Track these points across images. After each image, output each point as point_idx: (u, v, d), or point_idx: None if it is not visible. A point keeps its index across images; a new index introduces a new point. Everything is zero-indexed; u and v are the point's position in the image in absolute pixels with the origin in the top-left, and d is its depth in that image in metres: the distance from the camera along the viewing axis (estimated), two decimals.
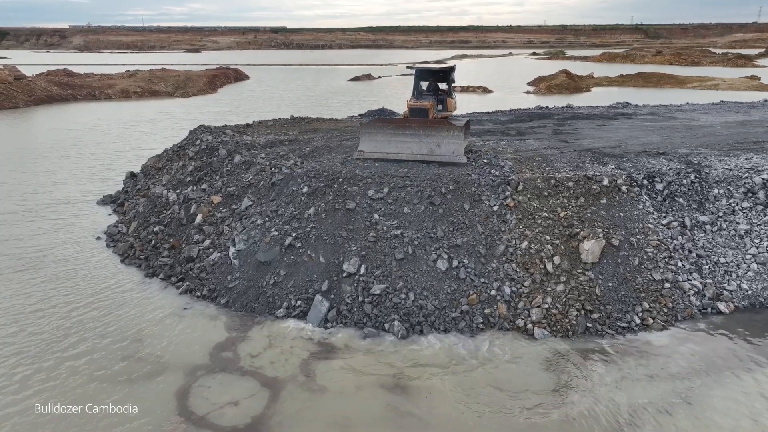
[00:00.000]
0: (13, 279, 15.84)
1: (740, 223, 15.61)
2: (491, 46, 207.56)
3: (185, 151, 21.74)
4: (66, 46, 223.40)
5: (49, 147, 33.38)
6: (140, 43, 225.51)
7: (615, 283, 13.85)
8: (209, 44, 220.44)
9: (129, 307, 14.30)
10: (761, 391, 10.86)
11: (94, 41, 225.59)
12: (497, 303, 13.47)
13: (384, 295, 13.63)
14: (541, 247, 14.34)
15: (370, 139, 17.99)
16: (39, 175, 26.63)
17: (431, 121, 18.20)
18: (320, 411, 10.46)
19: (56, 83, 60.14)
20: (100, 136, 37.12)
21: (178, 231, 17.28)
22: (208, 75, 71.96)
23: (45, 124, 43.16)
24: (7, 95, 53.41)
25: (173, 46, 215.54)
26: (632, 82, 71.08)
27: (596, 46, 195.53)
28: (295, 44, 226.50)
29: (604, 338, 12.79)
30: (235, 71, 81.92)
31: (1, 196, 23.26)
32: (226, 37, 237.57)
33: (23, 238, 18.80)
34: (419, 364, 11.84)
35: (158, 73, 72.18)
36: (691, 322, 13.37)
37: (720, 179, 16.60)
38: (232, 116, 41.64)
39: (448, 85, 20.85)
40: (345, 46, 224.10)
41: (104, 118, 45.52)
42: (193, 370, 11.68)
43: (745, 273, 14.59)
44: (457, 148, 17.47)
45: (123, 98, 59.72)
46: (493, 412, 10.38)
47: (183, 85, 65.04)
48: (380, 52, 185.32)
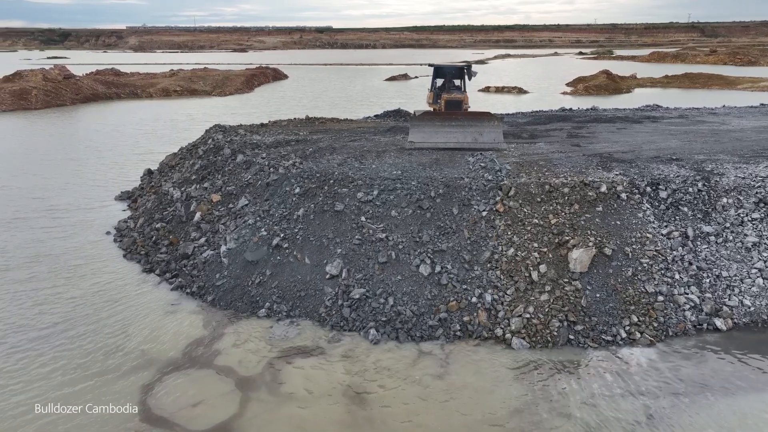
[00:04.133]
0: (22, 267, 16.60)
1: (748, 235, 14.71)
2: (537, 46, 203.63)
3: (197, 150, 22.27)
4: (122, 46, 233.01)
5: (83, 141, 34.90)
6: (191, 42, 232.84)
7: (604, 294, 13.31)
8: (256, 44, 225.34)
9: (121, 302, 14.73)
10: (739, 420, 10.19)
11: (147, 41, 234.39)
12: (478, 311, 13.18)
13: (363, 299, 13.55)
14: (527, 254, 13.93)
15: (418, 130, 19.83)
16: (65, 172, 27.85)
17: (473, 113, 20.90)
18: (279, 415, 10.47)
19: (102, 82, 62.79)
20: (132, 132, 38.50)
21: (177, 228, 17.71)
22: (247, 74, 73.50)
23: (87, 121, 45.14)
24: (56, 94, 56.13)
25: (221, 46, 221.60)
26: (678, 82, 68.30)
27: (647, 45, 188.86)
28: (339, 44, 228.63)
29: (586, 351, 12.31)
30: (274, 71, 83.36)
31: (28, 191, 24.47)
32: (273, 36, 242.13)
33: (35, 229, 19.67)
34: (388, 371, 11.68)
35: (199, 73, 74.32)
36: (682, 339, 12.71)
37: (730, 188, 15.70)
38: (261, 115, 42.36)
39: (462, 82, 21.82)
40: (389, 45, 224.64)
41: (142, 115, 47.19)
42: (164, 366, 11.90)
43: (749, 288, 13.75)
44: (498, 136, 19.86)
45: (163, 97, 61.75)
46: (450, 425, 10.15)
47: (221, 84, 66.68)
48: (422, 52, 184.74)
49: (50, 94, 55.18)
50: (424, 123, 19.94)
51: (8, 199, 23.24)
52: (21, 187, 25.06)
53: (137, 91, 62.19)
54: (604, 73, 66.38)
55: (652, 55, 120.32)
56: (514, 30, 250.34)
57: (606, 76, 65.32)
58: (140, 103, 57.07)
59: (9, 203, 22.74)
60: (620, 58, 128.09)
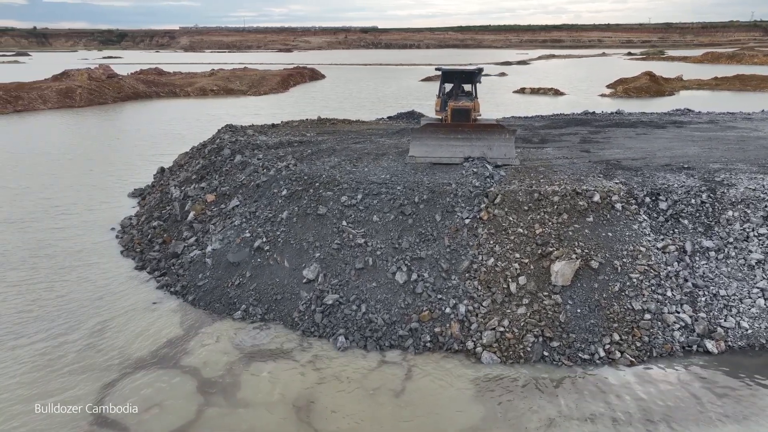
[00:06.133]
0: (27, 261, 17.21)
1: (753, 252, 13.66)
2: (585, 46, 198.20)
3: (203, 149, 22.58)
4: (174, 46, 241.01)
5: (107, 140, 36.12)
6: (239, 42, 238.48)
7: (586, 309, 12.63)
8: (301, 44, 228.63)
9: (107, 298, 15.02)
10: None
11: (198, 41, 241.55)
12: (450, 322, 12.74)
13: (336, 305, 13.33)
14: (508, 265, 13.37)
15: (420, 143, 18.02)
16: (81, 168, 28.84)
17: (482, 125, 18.57)
18: (227, 422, 10.38)
19: (144, 81, 64.95)
20: (157, 131, 39.56)
21: (172, 227, 17.97)
22: (283, 74, 74.50)
23: (121, 119, 46.73)
24: (99, 92, 58.39)
25: (268, 46, 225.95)
26: (727, 84, 64.90)
27: (704, 45, 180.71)
28: (383, 44, 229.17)
29: (559, 369, 11.70)
30: (311, 71, 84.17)
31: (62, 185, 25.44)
32: (318, 37, 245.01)
33: (42, 223, 20.37)
34: (346, 381, 11.43)
35: (238, 72, 75.86)
36: (667, 360, 11.90)
37: (737, 200, 14.63)
38: (284, 115, 42.74)
39: (473, 87, 20.69)
40: (432, 46, 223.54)
41: (173, 114, 48.48)
42: (131, 365, 12.02)
43: (748, 309, 12.75)
44: (509, 151, 17.85)
45: (200, 96, 63.32)
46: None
47: (257, 83, 67.82)
48: (466, 52, 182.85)
49: (93, 93, 57.45)
50: (426, 135, 17.96)
51: (20, 197, 24.23)
52: (30, 186, 26.08)
53: (176, 90, 64.00)
54: (646, 75, 63.77)
55: (705, 56, 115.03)
56: (562, 30, 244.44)
57: (648, 77, 62.72)
58: (177, 102, 58.67)
59: (18, 201, 23.70)
60: (670, 59, 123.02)
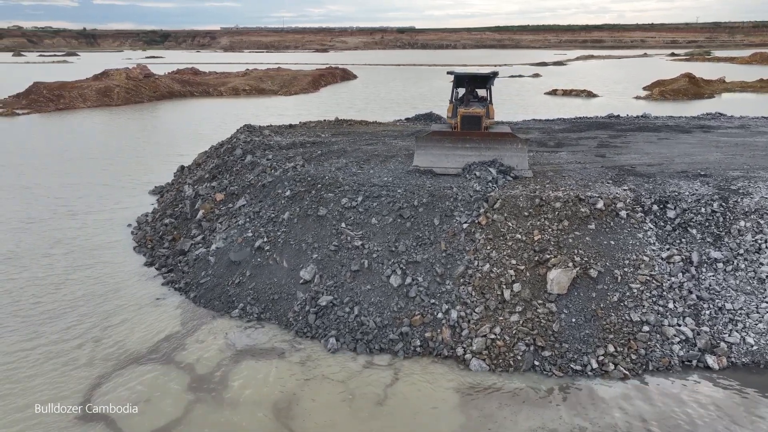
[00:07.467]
0: (37, 258, 17.91)
1: (764, 264, 13.04)
2: (627, 46, 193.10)
3: (220, 149, 23.02)
4: (214, 46, 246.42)
5: (134, 138, 37.23)
6: (277, 43, 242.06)
7: (581, 319, 12.32)
8: (338, 44, 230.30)
9: (113, 293, 15.49)
10: None
11: (238, 42, 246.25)
12: (442, 327, 12.62)
13: (329, 307, 13.39)
14: (503, 271, 13.16)
15: (425, 152, 17.23)
16: (115, 166, 29.80)
17: (493, 134, 17.61)
18: (211, 420, 10.55)
19: (179, 81, 66.69)
20: (193, 128, 40.54)
21: (182, 225, 18.39)
22: (315, 75, 75.25)
23: (154, 118, 48.10)
24: (136, 91, 60.29)
25: (306, 46, 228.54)
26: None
27: (755, 45, 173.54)
28: (419, 44, 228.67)
29: (549, 380, 11.44)
30: (343, 71, 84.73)
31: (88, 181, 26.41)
32: (355, 37, 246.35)
33: (60, 218, 21.14)
34: (331, 383, 11.47)
35: (271, 72, 77.02)
36: (663, 375, 11.48)
37: (750, 210, 14.00)
38: (309, 116, 43.17)
39: (488, 92, 20.22)
40: (469, 46, 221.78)
41: (203, 114, 49.60)
42: (126, 360, 12.35)
43: (756, 324, 12.19)
44: (521, 162, 16.84)
45: (233, 95, 64.60)
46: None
47: (288, 83, 68.74)
48: (504, 53, 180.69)
49: (130, 92, 59.37)
50: (431, 144, 17.19)
51: (36, 197, 25.21)
52: (48, 185, 27.09)
53: (209, 89, 65.47)
54: (685, 77, 61.65)
55: (754, 56, 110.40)
56: (603, 30, 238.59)
57: (688, 79, 60.62)
58: (210, 102, 59.99)
59: (35, 201, 24.65)
60: (716, 60, 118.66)
